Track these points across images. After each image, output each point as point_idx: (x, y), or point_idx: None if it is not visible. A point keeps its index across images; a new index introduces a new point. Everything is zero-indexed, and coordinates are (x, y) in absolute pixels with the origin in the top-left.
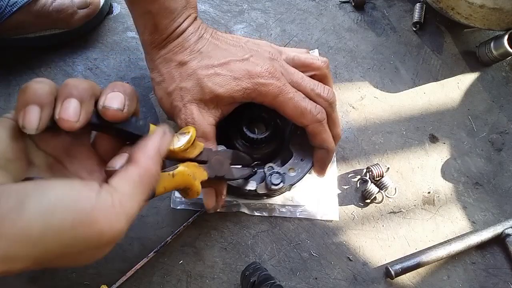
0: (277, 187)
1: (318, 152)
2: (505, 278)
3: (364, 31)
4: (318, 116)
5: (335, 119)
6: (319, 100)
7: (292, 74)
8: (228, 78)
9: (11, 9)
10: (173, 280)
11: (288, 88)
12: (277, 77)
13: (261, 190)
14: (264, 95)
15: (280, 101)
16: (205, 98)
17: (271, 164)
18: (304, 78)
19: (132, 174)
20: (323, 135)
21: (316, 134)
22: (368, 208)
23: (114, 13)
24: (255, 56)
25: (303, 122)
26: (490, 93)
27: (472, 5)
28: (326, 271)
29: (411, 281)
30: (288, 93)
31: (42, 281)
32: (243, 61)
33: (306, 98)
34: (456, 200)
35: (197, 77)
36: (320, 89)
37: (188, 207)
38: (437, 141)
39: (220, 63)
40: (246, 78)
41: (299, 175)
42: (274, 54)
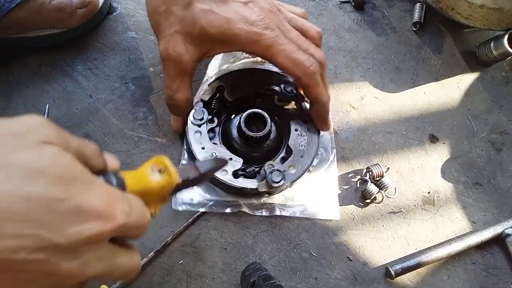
0: (278, 184)
1: (315, 107)
2: (505, 278)
3: (364, 31)
4: (311, 68)
5: (325, 81)
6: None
7: (289, 31)
8: (222, 19)
9: (9, 5)
10: (173, 280)
11: (282, 39)
12: (271, 28)
13: (262, 188)
14: (256, 44)
15: (273, 52)
16: (194, 33)
17: (271, 162)
18: (300, 37)
19: None
20: (316, 88)
21: (309, 86)
22: (368, 208)
23: (114, 13)
24: (255, 2)
25: (295, 73)
26: (490, 93)
27: (472, 5)
28: (326, 271)
29: (411, 281)
30: (280, 44)
31: None
32: (242, 3)
33: (299, 50)
34: (456, 200)
35: (192, 8)
36: (313, 50)
37: (191, 208)
38: (437, 141)
39: (219, 0)
40: (240, 23)
41: (300, 172)
42: (273, 7)
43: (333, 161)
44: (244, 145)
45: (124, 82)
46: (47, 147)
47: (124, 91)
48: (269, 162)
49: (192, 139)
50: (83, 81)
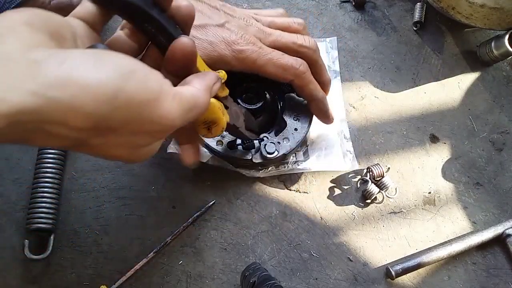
0: (272, 156)
1: (313, 105)
2: (506, 278)
3: (364, 30)
4: (301, 68)
5: (322, 66)
6: (303, 50)
7: (270, 34)
8: (204, 42)
9: (9, 5)
10: (173, 280)
11: (265, 50)
12: (253, 42)
13: (257, 159)
14: (243, 62)
15: (260, 64)
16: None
17: (265, 135)
18: (283, 34)
19: (187, 92)
20: (310, 86)
21: (303, 87)
22: (369, 208)
23: None
24: (230, 22)
25: (286, 78)
26: (491, 93)
27: (473, 5)
28: (327, 271)
29: (412, 281)
30: (265, 55)
31: (42, 281)
32: (218, 27)
33: (284, 55)
34: (457, 200)
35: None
36: (301, 40)
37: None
38: (438, 141)
39: (196, 25)
40: (222, 45)
41: (293, 145)
42: (249, 20)
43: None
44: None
45: None
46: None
47: None
48: (264, 134)
49: None
50: None
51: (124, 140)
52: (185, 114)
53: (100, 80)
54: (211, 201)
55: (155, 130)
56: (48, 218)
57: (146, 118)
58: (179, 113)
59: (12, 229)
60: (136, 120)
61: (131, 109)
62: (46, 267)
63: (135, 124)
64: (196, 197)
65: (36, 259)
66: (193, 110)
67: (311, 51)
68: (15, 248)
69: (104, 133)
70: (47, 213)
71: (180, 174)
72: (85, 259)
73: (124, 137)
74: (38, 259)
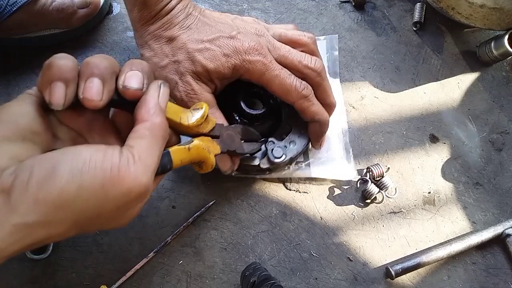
0: (279, 160)
1: (311, 126)
2: (506, 278)
3: (364, 31)
4: (304, 92)
5: (326, 88)
6: (307, 72)
7: (279, 49)
8: (218, 53)
9: (11, 8)
10: (173, 280)
11: (274, 65)
12: (263, 54)
13: (264, 164)
14: (251, 72)
15: (267, 79)
16: (197, 71)
17: (271, 139)
18: (291, 51)
19: (141, 130)
20: (311, 109)
21: (304, 110)
22: (368, 208)
23: (114, 13)
24: (242, 33)
25: (289, 100)
26: (490, 93)
27: (473, 5)
28: (326, 271)
29: (412, 281)
30: (273, 70)
31: (42, 281)
32: (230, 38)
33: (291, 75)
34: (457, 200)
35: (187, 50)
36: (307, 60)
37: None
38: (438, 141)
39: (209, 39)
40: (234, 54)
41: (300, 148)
42: (261, 31)
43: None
44: (244, 124)
45: None
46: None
47: None
48: (270, 138)
49: None
50: None
51: (106, 220)
52: (155, 156)
53: (61, 190)
54: (211, 201)
55: (131, 199)
56: None
57: (114, 197)
58: (147, 170)
59: None
60: (106, 204)
61: (96, 200)
62: (46, 267)
63: (107, 206)
64: (196, 197)
65: (36, 259)
66: (159, 139)
67: (315, 73)
68: None
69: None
70: None
71: (180, 174)
72: (85, 259)
73: (104, 218)
74: (38, 259)
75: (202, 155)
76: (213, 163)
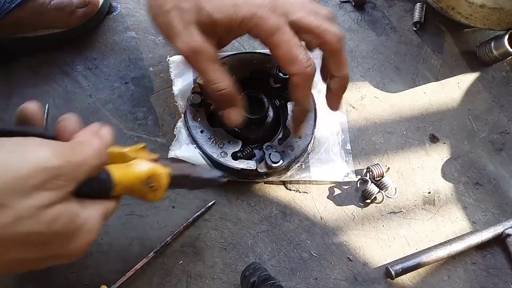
0: (277, 165)
1: (294, 109)
2: (506, 278)
3: (364, 30)
4: (308, 70)
5: (343, 58)
6: (327, 36)
7: (295, 13)
8: (227, 2)
9: (9, 5)
10: (173, 280)
11: (286, 29)
12: (278, 13)
13: (262, 169)
14: (260, 29)
15: (275, 41)
16: (202, 20)
17: (269, 144)
18: (309, 15)
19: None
20: (302, 90)
21: (297, 86)
22: (368, 208)
23: (114, 13)
24: None
25: (290, 70)
26: (490, 93)
27: (473, 5)
28: (326, 271)
29: (412, 281)
30: (284, 34)
31: (42, 281)
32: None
33: (301, 47)
34: (457, 200)
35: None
36: (327, 25)
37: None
38: (438, 141)
39: None
40: (246, 6)
41: (298, 153)
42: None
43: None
44: (242, 127)
45: (124, 82)
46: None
47: (124, 91)
48: (268, 143)
49: (191, 123)
50: (83, 81)
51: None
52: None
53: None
54: (211, 201)
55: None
56: None
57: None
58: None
59: None
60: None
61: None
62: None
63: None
64: (196, 197)
65: None
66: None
67: (335, 39)
68: None
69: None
70: None
71: None
72: (85, 259)
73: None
74: None
75: (152, 170)
76: (164, 183)
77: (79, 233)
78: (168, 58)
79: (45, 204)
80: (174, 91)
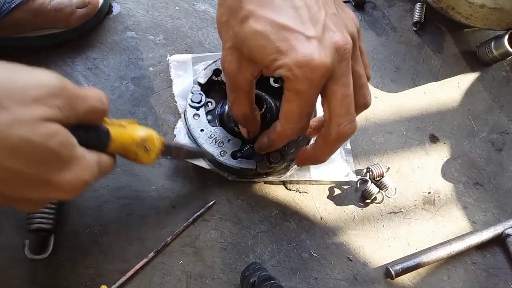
0: (277, 164)
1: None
2: (506, 278)
3: (364, 30)
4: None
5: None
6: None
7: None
8: (272, 47)
9: (9, 6)
10: (173, 280)
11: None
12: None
13: (262, 168)
14: (290, 85)
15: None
16: (243, 52)
17: None
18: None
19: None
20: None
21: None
22: (368, 208)
23: (114, 13)
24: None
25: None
26: (490, 93)
27: (473, 5)
28: (326, 271)
29: (412, 281)
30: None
31: (42, 281)
32: (306, 38)
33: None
34: (457, 200)
35: (246, 26)
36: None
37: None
38: (438, 141)
39: (278, 24)
40: (288, 57)
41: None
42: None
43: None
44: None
45: (124, 82)
46: (44, 126)
47: (124, 91)
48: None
49: (191, 122)
50: (83, 80)
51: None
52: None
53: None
54: (211, 201)
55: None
56: (48, 218)
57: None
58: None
59: (12, 229)
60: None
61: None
62: (46, 267)
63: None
64: (196, 197)
65: (36, 259)
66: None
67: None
68: (15, 248)
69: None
70: (47, 213)
71: (180, 174)
72: (85, 259)
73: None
74: (38, 259)
75: (147, 133)
76: (159, 147)
77: (74, 164)
78: (168, 58)
79: (43, 117)
80: (174, 91)
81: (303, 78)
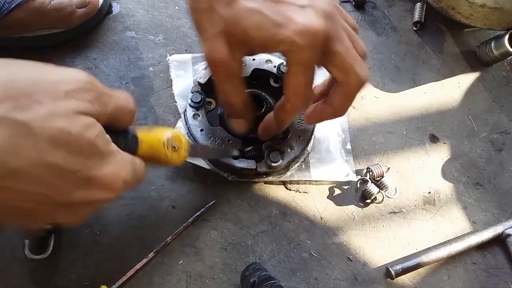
0: (276, 164)
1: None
2: (506, 278)
3: (364, 30)
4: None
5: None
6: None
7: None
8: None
9: (9, 6)
10: (173, 280)
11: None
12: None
13: (262, 168)
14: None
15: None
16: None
17: (269, 143)
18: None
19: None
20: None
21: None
22: (369, 208)
23: (114, 12)
24: (314, 7)
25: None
26: (490, 93)
27: (473, 5)
28: (326, 271)
29: (412, 281)
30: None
31: (42, 281)
32: (299, 8)
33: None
34: (457, 200)
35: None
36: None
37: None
38: (438, 141)
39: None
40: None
41: (297, 152)
42: (334, 11)
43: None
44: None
45: (124, 82)
46: (80, 118)
47: None
48: (268, 142)
49: (191, 122)
50: None
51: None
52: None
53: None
54: (211, 201)
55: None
56: None
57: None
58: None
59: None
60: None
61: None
62: (46, 267)
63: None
64: (196, 197)
65: (36, 259)
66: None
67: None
68: (15, 248)
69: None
70: None
71: (180, 174)
72: (85, 259)
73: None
74: (38, 259)
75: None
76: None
77: (111, 158)
78: (168, 58)
79: (77, 110)
80: (174, 91)
81: (307, 45)
